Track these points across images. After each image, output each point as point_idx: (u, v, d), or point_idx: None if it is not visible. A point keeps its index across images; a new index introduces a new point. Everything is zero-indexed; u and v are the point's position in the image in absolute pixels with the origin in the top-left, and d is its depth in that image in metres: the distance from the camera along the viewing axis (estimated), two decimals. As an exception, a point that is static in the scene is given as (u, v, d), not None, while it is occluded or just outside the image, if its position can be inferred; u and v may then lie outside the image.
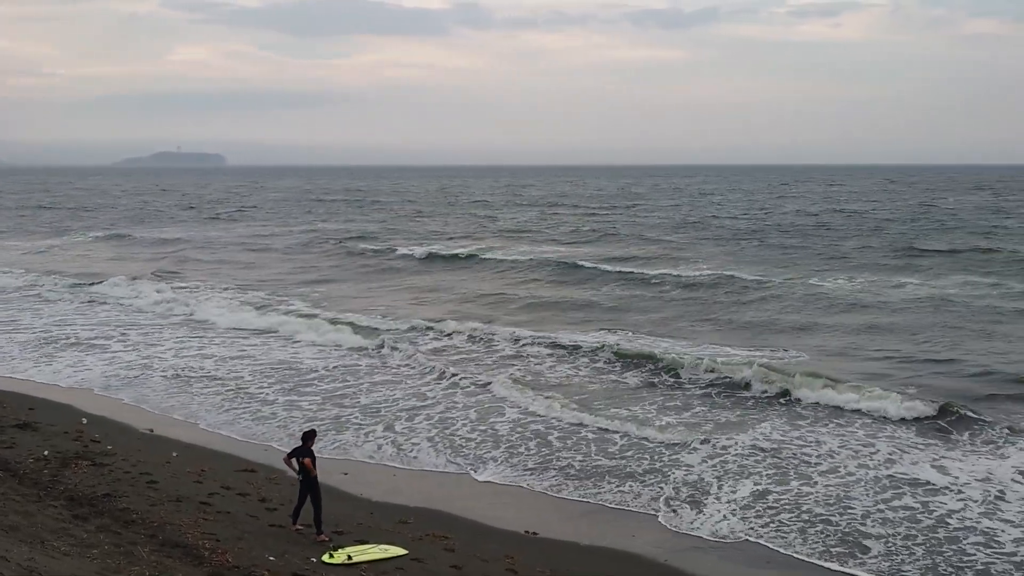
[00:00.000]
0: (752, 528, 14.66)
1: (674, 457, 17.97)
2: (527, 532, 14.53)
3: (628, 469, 17.46)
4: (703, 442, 18.62)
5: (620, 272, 43.76)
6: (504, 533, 14.45)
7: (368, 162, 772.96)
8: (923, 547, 13.89)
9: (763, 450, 18.17)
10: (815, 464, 17.38)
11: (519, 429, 20.00)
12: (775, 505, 15.49)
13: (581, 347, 27.41)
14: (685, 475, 17.00)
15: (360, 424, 20.48)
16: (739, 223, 73.25)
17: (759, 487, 16.24)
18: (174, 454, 17.43)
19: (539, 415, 20.89)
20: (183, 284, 42.74)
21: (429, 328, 30.70)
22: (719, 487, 16.32)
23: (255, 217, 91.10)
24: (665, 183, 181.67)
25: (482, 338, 29.25)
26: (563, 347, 27.68)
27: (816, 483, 16.41)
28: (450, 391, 23.16)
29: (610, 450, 18.53)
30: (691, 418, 20.79)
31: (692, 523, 14.92)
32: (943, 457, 17.62)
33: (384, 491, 16.36)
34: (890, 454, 17.85)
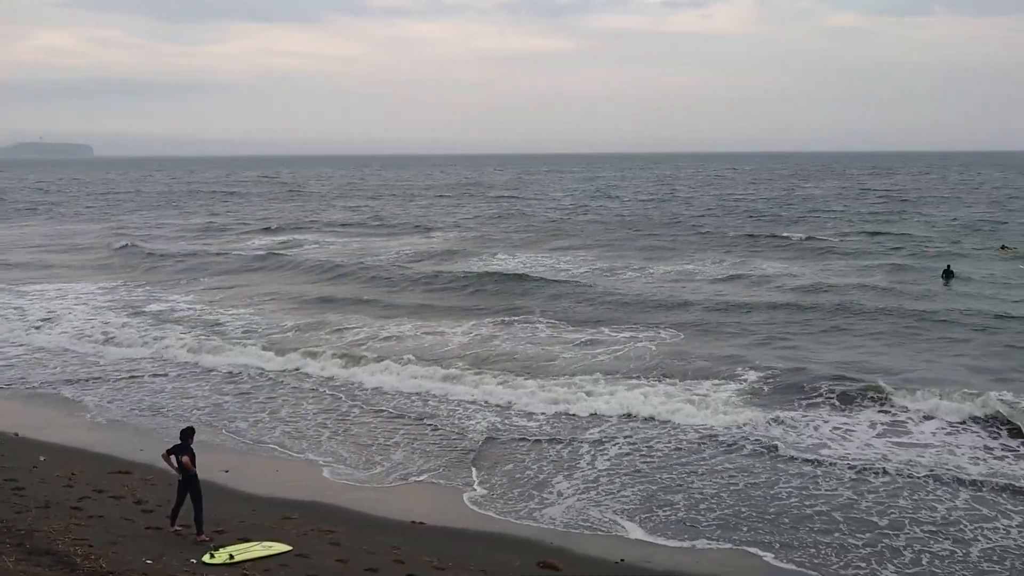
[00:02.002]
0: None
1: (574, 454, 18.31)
2: (414, 523, 14.52)
3: (516, 456, 17.70)
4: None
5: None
6: (391, 524, 14.40)
7: (244, 152, 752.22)
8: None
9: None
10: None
11: (403, 421, 19.99)
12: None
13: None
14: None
15: (242, 419, 20.08)
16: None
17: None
18: (42, 458, 16.65)
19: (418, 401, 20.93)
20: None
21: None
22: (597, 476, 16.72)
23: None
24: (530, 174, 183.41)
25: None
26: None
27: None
28: (322, 390, 23.04)
29: (500, 437, 18.76)
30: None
31: (570, 507, 15.24)
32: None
33: (267, 487, 16.07)
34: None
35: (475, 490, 16.07)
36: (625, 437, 18.56)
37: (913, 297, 33.37)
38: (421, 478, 16.75)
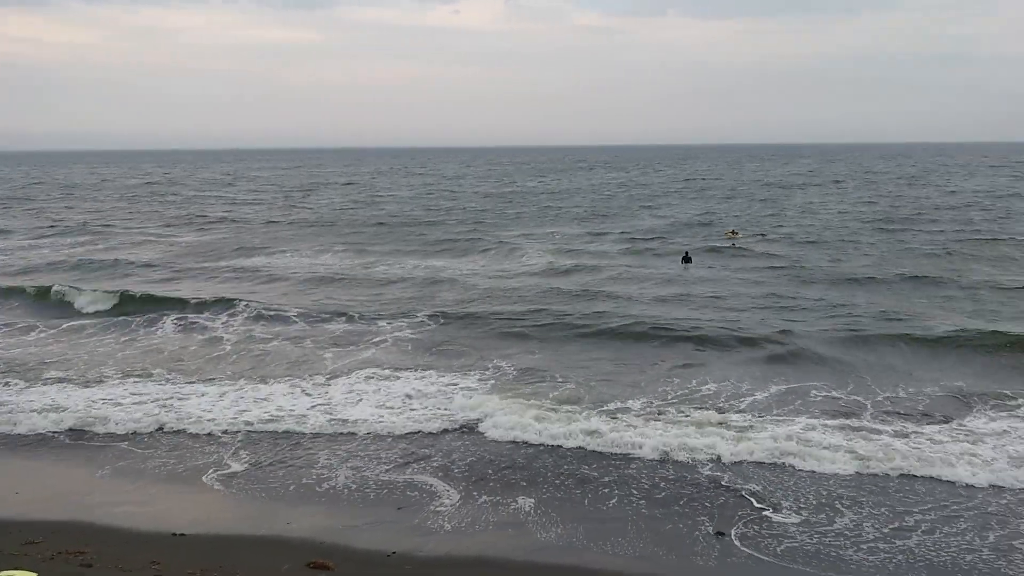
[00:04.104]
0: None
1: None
2: (174, 534, 13.83)
3: (286, 457, 17.28)
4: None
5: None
6: (150, 537, 13.63)
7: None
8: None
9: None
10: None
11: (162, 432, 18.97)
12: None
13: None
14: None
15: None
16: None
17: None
18: None
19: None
20: None
21: None
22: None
23: None
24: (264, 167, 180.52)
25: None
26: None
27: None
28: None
29: (260, 441, 18.22)
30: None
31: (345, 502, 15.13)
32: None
33: (6, 509, 14.71)
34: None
35: (239, 494, 15.53)
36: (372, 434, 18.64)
37: (658, 281, 35.93)
38: (180, 486, 15.96)
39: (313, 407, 19.97)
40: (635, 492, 15.25)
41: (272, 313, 29.95)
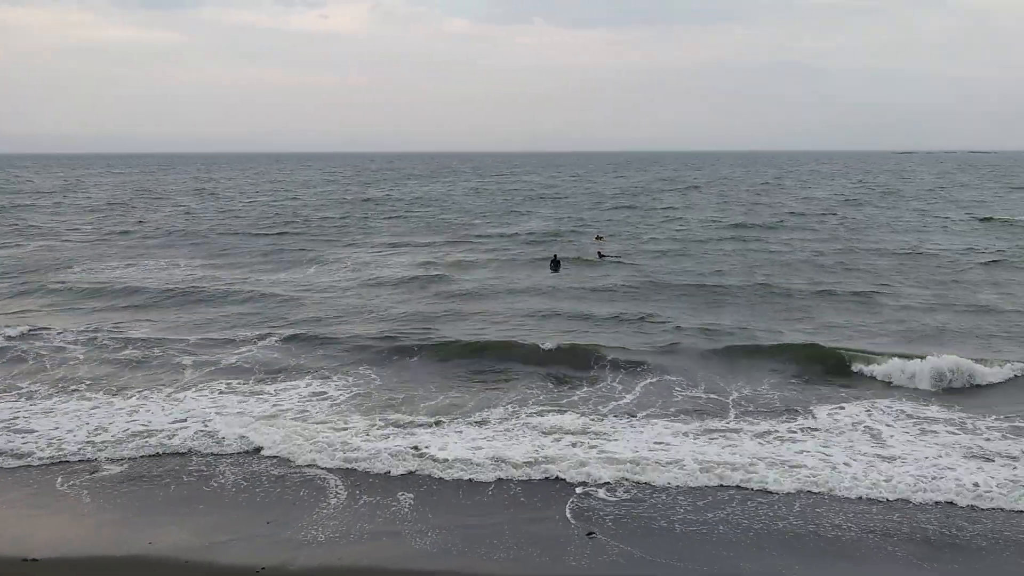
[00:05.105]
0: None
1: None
2: (25, 559, 13.02)
3: (139, 473, 16.56)
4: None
5: None
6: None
7: None
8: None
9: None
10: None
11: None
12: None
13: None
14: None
15: None
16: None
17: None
18: None
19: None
20: None
21: None
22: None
23: None
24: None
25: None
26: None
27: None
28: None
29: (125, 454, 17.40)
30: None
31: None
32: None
33: None
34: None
35: (97, 514, 14.79)
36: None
37: (518, 293, 35.28)
38: (31, 510, 15.05)
39: (175, 422, 19.23)
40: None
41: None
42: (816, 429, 18.37)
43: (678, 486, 15.64)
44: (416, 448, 17.40)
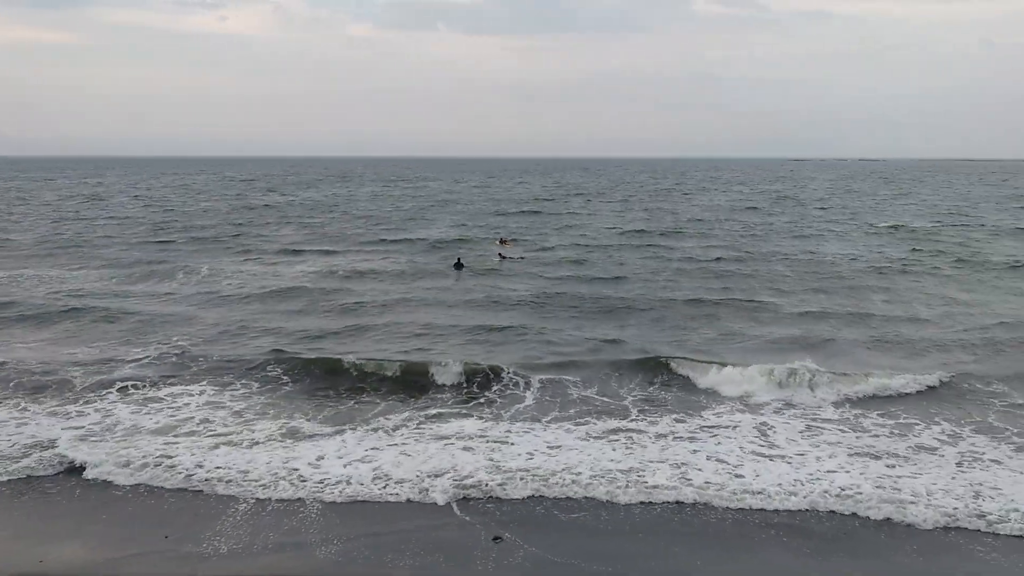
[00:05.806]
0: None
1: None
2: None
3: (26, 489, 15.95)
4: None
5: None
6: None
7: None
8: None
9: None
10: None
11: None
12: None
13: None
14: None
15: None
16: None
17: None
18: None
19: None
20: None
21: None
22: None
23: None
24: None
25: None
26: None
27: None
28: None
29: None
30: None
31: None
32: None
33: None
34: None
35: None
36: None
37: (431, 288, 36.15)
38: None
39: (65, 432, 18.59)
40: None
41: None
42: (705, 430, 19.06)
43: (577, 489, 15.92)
44: (297, 470, 16.69)
